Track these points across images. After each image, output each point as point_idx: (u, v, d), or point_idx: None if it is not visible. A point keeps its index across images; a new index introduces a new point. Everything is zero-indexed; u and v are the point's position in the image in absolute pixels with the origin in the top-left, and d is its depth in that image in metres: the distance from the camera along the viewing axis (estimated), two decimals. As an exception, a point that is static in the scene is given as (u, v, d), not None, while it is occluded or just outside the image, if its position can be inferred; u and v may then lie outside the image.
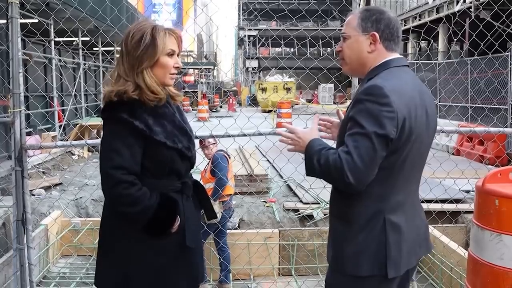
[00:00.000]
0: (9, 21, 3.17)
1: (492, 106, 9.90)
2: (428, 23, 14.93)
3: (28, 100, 10.43)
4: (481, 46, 4.78)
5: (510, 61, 10.01)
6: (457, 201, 5.75)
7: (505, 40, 4.85)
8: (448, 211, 5.05)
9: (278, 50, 45.57)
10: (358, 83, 2.14)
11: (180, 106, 2.36)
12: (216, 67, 38.77)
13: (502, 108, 10.10)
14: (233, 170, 5.28)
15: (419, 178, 2.11)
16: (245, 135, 3.34)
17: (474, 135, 9.69)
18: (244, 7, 42.31)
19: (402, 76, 1.96)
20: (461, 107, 11.60)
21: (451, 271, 4.33)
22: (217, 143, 4.81)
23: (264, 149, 9.61)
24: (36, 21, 8.89)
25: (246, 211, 6.13)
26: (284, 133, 2.11)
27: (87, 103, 16.36)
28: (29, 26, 3.98)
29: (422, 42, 22.01)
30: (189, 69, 34.25)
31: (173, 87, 2.27)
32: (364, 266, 1.91)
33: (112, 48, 17.62)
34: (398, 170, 1.91)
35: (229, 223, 5.30)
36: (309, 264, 5.18)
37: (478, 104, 11.03)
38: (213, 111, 26.54)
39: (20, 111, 3.18)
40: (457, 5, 16.01)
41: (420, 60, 15.47)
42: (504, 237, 2.53)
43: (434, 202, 5.14)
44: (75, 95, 14.34)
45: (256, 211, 6.14)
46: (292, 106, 19.99)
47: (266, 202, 6.57)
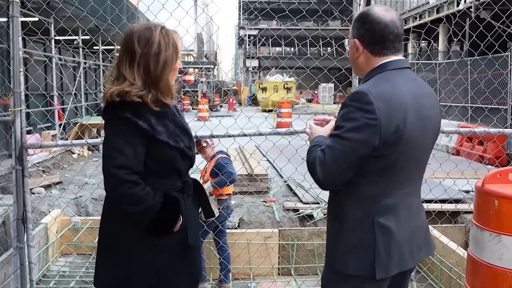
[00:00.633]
0: (10, 20, 3.17)
1: (492, 106, 9.91)
2: (428, 23, 14.94)
3: (28, 98, 10.43)
4: (481, 47, 4.78)
5: (510, 61, 10.02)
6: (456, 201, 5.75)
7: (505, 40, 4.85)
8: (447, 211, 5.06)
9: (279, 49, 45.57)
10: (359, 83, 2.14)
11: (177, 106, 2.36)
12: (216, 67, 38.78)
13: (502, 108, 10.10)
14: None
15: (418, 180, 2.09)
16: (245, 135, 3.34)
17: (474, 136, 9.69)
18: (244, 7, 42.29)
19: (395, 80, 1.93)
20: (461, 107, 11.60)
21: (451, 271, 4.33)
22: (213, 144, 4.76)
23: (264, 149, 9.64)
24: (36, 19, 8.90)
25: (246, 211, 6.13)
26: (307, 129, 2.23)
27: (87, 102, 16.37)
28: (29, 25, 3.98)
29: (422, 42, 22.01)
30: (189, 68, 34.24)
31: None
32: (350, 265, 1.93)
33: (112, 47, 17.62)
34: (388, 174, 1.91)
35: (228, 223, 5.31)
36: (308, 263, 5.19)
37: (478, 104, 11.04)
38: (213, 111, 26.54)
39: (20, 110, 3.19)
40: (457, 5, 16.02)
41: (420, 60, 15.45)
42: (503, 237, 2.53)
43: (433, 202, 5.14)
44: (75, 94, 14.35)
45: (256, 211, 6.14)
46: (292, 106, 20.01)
47: (266, 202, 6.58)
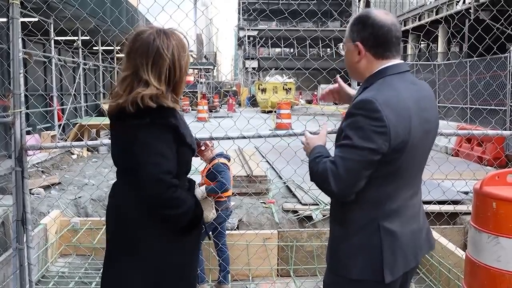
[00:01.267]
0: (10, 21, 3.18)
1: (491, 108, 9.93)
2: (427, 25, 14.96)
3: (28, 99, 10.44)
4: (479, 49, 4.79)
5: (509, 63, 10.03)
6: (455, 202, 5.76)
7: (504, 42, 4.85)
8: (446, 213, 5.07)
9: (278, 50, 45.62)
10: (358, 85, 2.14)
11: None
12: (215, 68, 38.81)
13: (501, 109, 10.11)
14: (232, 171, 5.28)
15: (418, 182, 2.10)
16: (244, 138, 3.35)
17: (473, 137, 9.70)
18: (244, 8, 42.34)
19: (397, 85, 1.93)
20: (460, 109, 11.62)
21: (449, 273, 4.34)
22: (212, 147, 4.74)
23: (264, 150, 9.64)
24: (36, 19, 8.90)
25: (245, 212, 6.14)
26: (302, 138, 2.18)
27: (87, 103, 16.38)
28: (29, 27, 3.98)
29: (422, 42, 22.04)
30: (189, 69, 34.23)
31: None
32: (355, 269, 1.93)
33: (111, 47, 17.64)
34: (393, 179, 1.92)
35: (227, 224, 5.31)
36: (307, 265, 5.19)
37: (477, 105, 11.06)
38: (212, 112, 26.53)
39: (20, 112, 3.20)
40: (456, 6, 16.05)
41: (419, 61, 15.47)
42: (501, 239, 2.54)
43: (432, 204, 5.15)
44: (75, 95, 14.35)
45: (255, 212, 6.15)
46: (291, 107, 20.01)
47: (265, 203, 6.58)
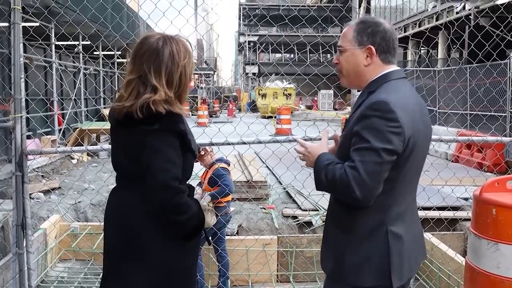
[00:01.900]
0: (11, 27, 3.19)
1: (491, 114, 9.93)
2: (427, 31, 15.00)
3: (28, 104, 10.44)
4: (479, 55, 4.81)
5: (509, 69, 10.04)
6: (455, 208, 5.76)
7: (504, 48, 4.86)
8: (446, 219, 5.07)
9: (279, 56, 45.71)
10: (358, 91, 2.14)
11: None
12: (216, 73, 38.88)
13: (501, 116, 10.11)
14: (232, 177, 5.29)
15: (416, 187, 2.13)
16: (244, 143, 3.36)
17: (473, 143, 9.70)
18: (244, 13, 42.47)
19: (402, 89, 1.96)
20: (460, 115, 11.63)
21: (449, 279, 4.33)
22: (211, 152, 4.76)
23: (264, 156, 9.64)
24: (37, 24, 8.93)
25: (245, 218, 6.13)
26: (297, 148, 2.11)
27: (87, 108, 16.39)
28: (31, 32, 4.00)
29: (422, 49, 22.09)
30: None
31: None
32: (366, 277, 1.91)
33: (112, 52, 17.67)
34: (400, 182, 1.92)
35: (227, 229, 5.31)
36: (307, 271, 5.18)
37: (477, 112, 11.06)
38: (213, 117, 26.54)
39: (21, 117, 3.21)
40: (456, 13, 16.10)
41: (419, 67, 15.50)
42: (501, 246, 2.54)
43: (432, 210, 5.14)
44: (75, 100, 14.37)
45: (255, 218, 6.14)
46: (291, 113, 20.04)
47: (265, 208, 6.58)
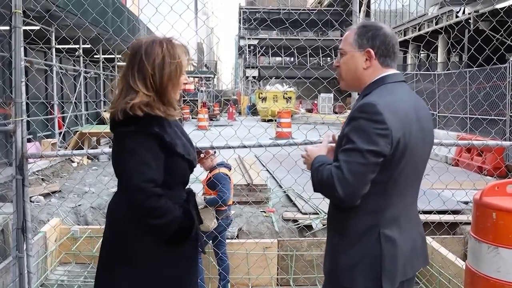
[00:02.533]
0: (12, 30, 3.20)
1: (491, 117, 9.93)
2: (427, 34, 15.03)
3: (28, 107, 10.45)
4: (479, 59, 4.82)
5: (509, 73, 10.05)
6: (455, 212, 5.76)
7: (503, 52, 4.88)
8: (446, 223, 5.07)
9: (279, 59, 45.77)
10: (358, 94, 2.15)
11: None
12: (216, 76, 38.94)
13: (501, 120, 10.12)
14: (233, 180, 5.30)
15: (416, 191, 2.12)
16: (245, 147, 3.36)
17: (473, 147, 9.70)
18: (245, 17, 42.58)
19: (397, 92, 1.97)
20: (460, 119, 11.64)
21: (449, 283, 4.33)
22: (213, 155, 4.75)
23: (264, 159, 9.64)
24: (38, 28, 8.95)
25: (245, 221, 6.13)
26: (302, 152, 2.17)
27: (88, 111, 16.41)
28: (32, 35, 4.01)
29: (422, 52, 22.12)
30: (189, 77, 34.36)
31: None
32: (358, 279, 1.93)
33: (112, 56, 17.71)
34: (393, 185, 1.93)
35: (227, 233, 5.30)
36: (307, 274, 5.18)
37: (477, 115, 11.07)
38: (213, 120, 26.57)
39: (21, 120, 3.21)
40: (456, 16, 16.12)
41: (419, 71, 15.52)
42: (501, 250, 2.54)
43: (432, 214, 5.14)
44: (76, 103, 14.38)
45: (255, 221, 6.14)
46: (292, 116, 20.04)
47: (265, 212, 6.57)
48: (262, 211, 6.59)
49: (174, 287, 2.22)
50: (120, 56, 17.46)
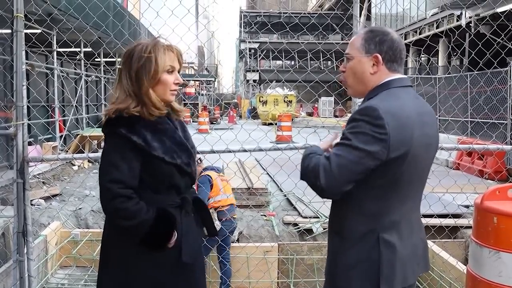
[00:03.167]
0: (14, 34, 3.21)
1: (492, 121, 9.92)
2: (428, 38, 15.04)
3: (29, 110, 10.47)
4: (480, 63, 4.82)
5: (509, 77, 10.05)
6: (456, 216, 5.75)
7: (504, 56, 4.88)
8: (447, 227, 5.06)
9: (279, 63, 45.81)
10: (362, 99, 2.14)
11: (183, 122, 2.37)
12: (216, 80, 38.99)
13: (502, 124, 10.11)
14: (229, 182, 5.37)
15: (419, 197, 2.10)
16: (245, 151, 3.37)
17: (474, 151, 9.70)
18: (245, 21, 42.65)
19: (402, 96, 1.96)
20: (460, 122, 11.63)
21: (450, 287, 4.32)
22: (198, 160, 4.84)
23: (264, 163, 9.64)
24: (39, 31, 8.96)
25: (246, 225, 6.12)
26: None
27: (88, 114, 16.42)
28: (33, 39, 4.02)
29: (422, 56, 22.14)
30: (190, 80, 34.42)
31: (176, 102, 2.28)
32: (354, 282, 1.93)
33: (113, 59, 17.73)
34: (393, 189, 1.92)
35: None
36: (308, 278, 5.17)
37: (478, 119, 11.07)
38: (213, 123, 26.57)
39: (22, 124, 3.21)
40: (457, 20, 16.14)
41: (420, 75, 15.53)
42: (502, 254, 2.54)
43: (433, 218, 5.13)
44: (77, 106, 14.40)
45: (255, 225, 6.13)
46: (292, 119, 20.04)
47: (265, 216, 6.57)
48: (262, 215, 6.58)
49: None
50: (121, 59, 17.47)
